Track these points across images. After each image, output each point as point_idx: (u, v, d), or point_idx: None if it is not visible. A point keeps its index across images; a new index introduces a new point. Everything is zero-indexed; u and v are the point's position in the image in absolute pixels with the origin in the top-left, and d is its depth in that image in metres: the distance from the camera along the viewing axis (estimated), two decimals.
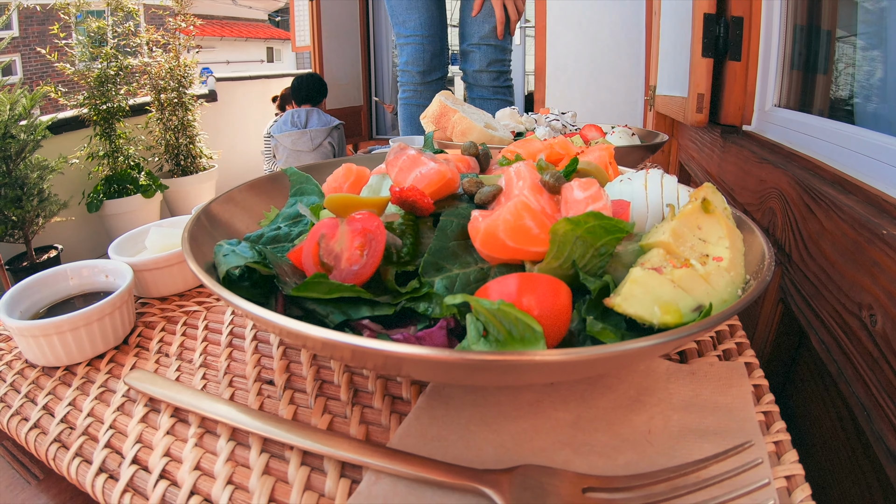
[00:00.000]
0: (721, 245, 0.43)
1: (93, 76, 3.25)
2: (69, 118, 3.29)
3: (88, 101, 3.25)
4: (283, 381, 0.51)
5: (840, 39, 0.93)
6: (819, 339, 0.64)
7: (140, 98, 3.72)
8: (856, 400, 0.54)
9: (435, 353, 0.30)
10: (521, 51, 3.75)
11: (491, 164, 0.68)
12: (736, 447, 0.35)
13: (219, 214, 0.59)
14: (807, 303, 0.69)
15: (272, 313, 0.36)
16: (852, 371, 0.56)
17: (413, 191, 0.48)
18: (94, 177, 3.33)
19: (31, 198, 2.65)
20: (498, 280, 0.39)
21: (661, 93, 1.82)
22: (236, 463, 0.42)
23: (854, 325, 0.56)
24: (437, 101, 1.08)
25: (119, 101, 3.36)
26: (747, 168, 0.97)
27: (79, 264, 0.67)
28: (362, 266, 0.44)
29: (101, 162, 3.32)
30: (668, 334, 0.32)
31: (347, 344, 0.32)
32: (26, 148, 2.68)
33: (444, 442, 0.41)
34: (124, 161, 3.38)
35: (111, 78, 3.34)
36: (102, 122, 3.30)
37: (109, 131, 3.33)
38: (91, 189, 3.27)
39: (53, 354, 0.57)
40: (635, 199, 0.53)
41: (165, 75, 3.69)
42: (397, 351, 0.31)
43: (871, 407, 0.52)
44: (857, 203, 0.61)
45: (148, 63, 3.65)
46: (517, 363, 0.30)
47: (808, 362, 0.73)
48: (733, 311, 0.35)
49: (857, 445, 0.58)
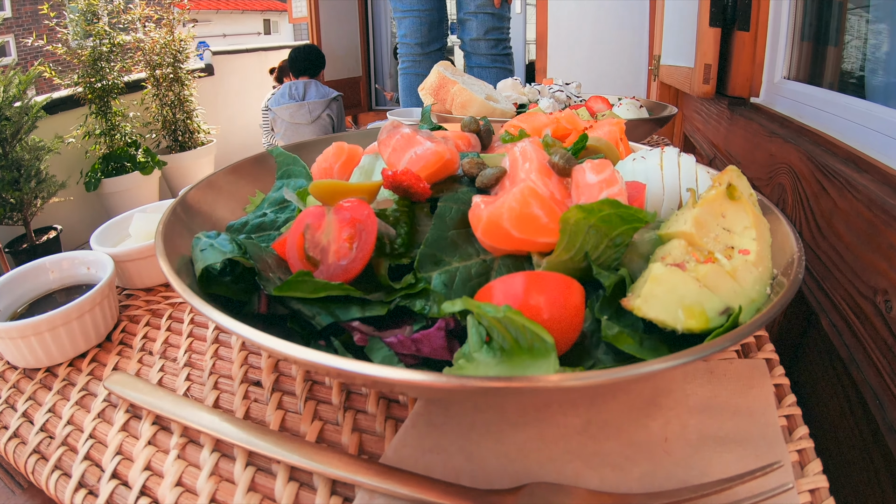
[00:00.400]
0: (747, 236, 0.39)
1: (85, 54, 3.17)
2: (64, 97, 3.21)
3: (82, 79, 3.17)
4: (271, 383, 0.48)
5: (852, 10, 0.88)
6: (830, 321, 0.62)
7: (135, 75, 3.63)
8: (868, 387, 0.52)
9: (429, 379, 0.26)
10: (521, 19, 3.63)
11: (493, 141, 0.63)
12: (763, 467, 0.32)
13: (199, 202, 0.55)
14: (818, 284, 0.66)
15: (246, 328, 0.32)
16: (864, 357, 0.53)
17: (407, 174, 0.43)
18: (92, 156, 3.27)
19: (28, 179, 2.60)
20: (503, 279, 0.35)
21: (665, 62, 1.76)
22: (220, 478, 0.39)
23: (868, 310, 0.53)
24: (436, 73, 1.02)
25: (114, 78, 3.28)
26: (756, 141, 0.94)
27: (58, 257, 0.63)
28: (351, 260, 0.40)
29: (97, 140, 3.25)
30: (694, 351, 0.28)
31: (331, 367, 0.28)
32: (22, 129, 2.62)
33: (444, 454, 0.37)
34: (121, 139, 3.31)
35: (104, 55, 3.25)
36: (97, 101, 3.22)
37: (105, 109, 3.26)
38: (89, 168, 3.22)
39: (33, 356, 0.54)
40: (650, 180, 0.48)
41: (160, 51, 3.60)
42: (385, 377, 0.27)
43: (883, 396, 0.49)
44: (872, 182, 0.57)
45: (142, 39, 3.55)
46: (526, 389, 0.26)
47: (818, 343, 0.71)
48: (764, 320, 0.31)
49: (867, 432, 0.56)
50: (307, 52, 3.25)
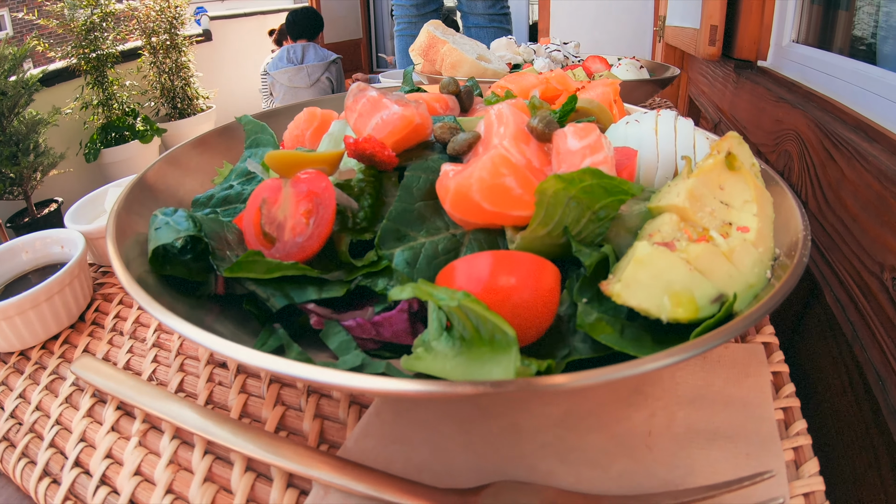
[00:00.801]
0: (747, 211, 0.34)
1: (78, 25, 3.09)
2: (59, 69, 3.16)
3: (76, 49, 3.10)
4: (236, 364, 0.45)
5: None
6: (834, 296, 0.59)
7: (131, 43, 3.55)
8: (871, 367, 0.49)
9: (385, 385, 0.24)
10: None
11: (477, 103, 0.58)
12: (753, 476, 0.29)
13: (162, 179, 0.52)
14: (822, 256, 0.63)
15: (184, 324, 0.29)
16: (868, 335, 0.50)
17: (370, 141, 0.40)
18: (90, 126, 3.23)
19: (26, 153, 2.57)
20: (466, 259, 0.32)
21: (671, 23, 1.68)
22: (179, 466, 0.37)
23: (874, 286, 0.50)
24: (426, 32, 0.97)
25: (108, 47, 3.21)
26: (762, 106, 0.89)
27: (31, 237, 0.61)
28: (308, 237, 0.37)
29: (95, 111, 3.21)
30: (682, 349, 0.25)
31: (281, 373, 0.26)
32: (18, 103, 2.58)
33: (408, 445, 0.35)
34: (119, 108, 3.27)
35: (97, 25, 3.17)
36: (93, 71, 3.16)
37: (101, 79, 3.20)
38: (87, 139, 3.19)
39: (4, 340, 0.52)
40: (643, 145, 0.44)
41: (155, 17, 3.51)
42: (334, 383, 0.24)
43: (886, 376, 0.47)
44: (882, 152, 0.54)
45: (135, 7, 3.45)
46: (489, 394, 0.23)
47: (820, 317, 0.67)
48: (762, 312, 0.27)
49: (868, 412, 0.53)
50: (305, 15, 3.15)
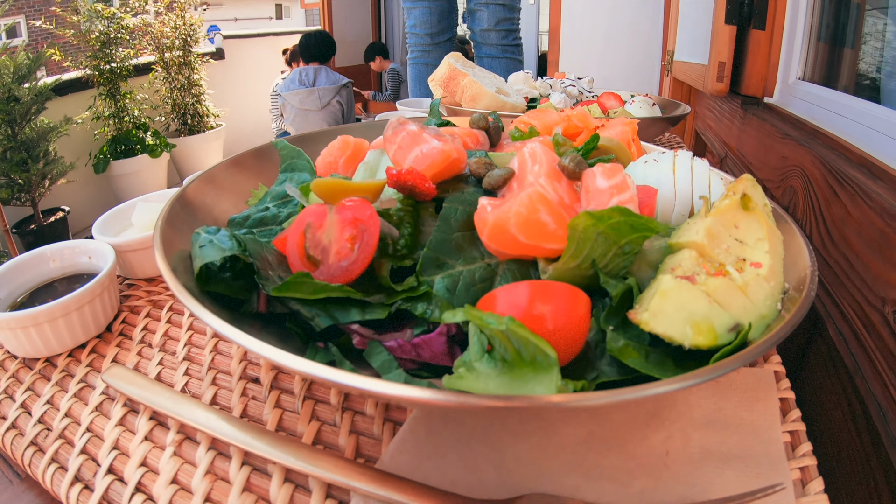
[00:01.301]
0: (760, 248, 0.37)
1: (94, 38, 3.16)
2: (73, 79, 3.21)
3: (91, 60, 3.17)
4: (270, 380, 0.47)
5: (870, 12, 0.87)
6: (837, 330, 0.61)
7: (144, 58, 3.62)
8: (872, 398, 0.51)
9: (427, 395, 0.26)
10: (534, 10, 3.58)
11: (502, 138, 0.62)
12: (765, 488, 0.31)
13: (200, 196, 0.54)
14: (826, 290, 0.65)
15: (240, 333, 0.31)
16: (870, 367, 0.53)
17: (412, 173, 0.42)
18: (100, 138, 3.28)
19: (36, 160, 2.61)
20: (507, 288, 0.34)
21: (679, 59, 1.73)
22: (216, 476, 0.39)
23: (876, 320, 0.52)
24: (447, 64, 1.01)
25: (122, 60, 3.28)
26: (768, 143, 0.92)
27: (60, 245, 0.63)
28: (352, 262, 0.39)
29: (106, 123, 3.26)
30: (702, 373, 0.27)
31: (326, 379, 0.28)
32: (31, 110, 2.62)
33: (442, 461, 0.37)
34: (130, 121, 3.32)
35: (113, 38, 3.24)
36: (106, 83, 3.22)
37: (114, 91, 3.26)
38: (97, 150, 3.23)
39: (32, 346, 0.53)
40: (662, 185, 0.47)
41: (170, 34, 3.58)
42: (375, 391, 0.27)
43: (887, 407, 0.49)
44: (885, 190, 0.56)
45: (150, 23, 3.53)
46: (527, 408, 0.25)
47: (823, 350, 0.70)
48: (774, 341, 0.30)
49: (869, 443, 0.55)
50: (318, 39, 3.23)
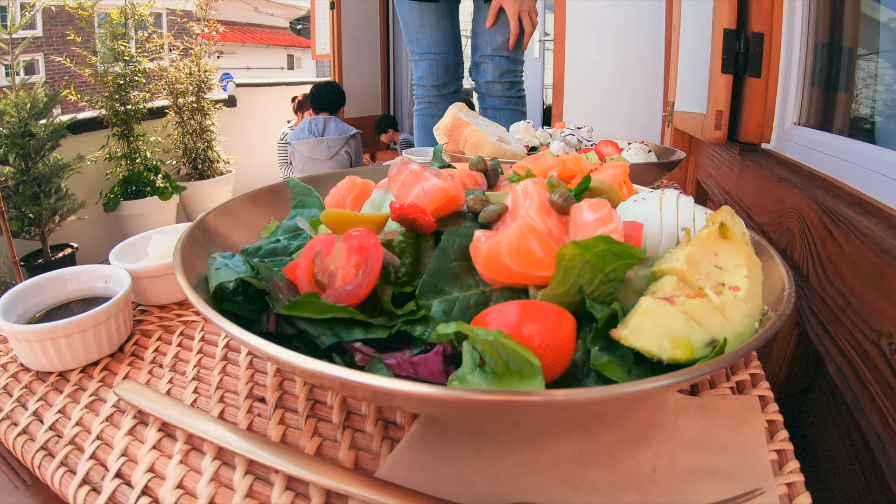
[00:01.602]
0: (738, 273, 0.41)
1: (110, 79, 3.30)
2: (88, 119, 3.34)
3: (106, 101, 3.29)
4: (275, 400, 0.49)
5: (862, 57, 0.90)
6: (835, 365, 0.62)
7: (158, 101, 3.76)
8: (872, 431, 0.52)
9: (423, 389, 0.28)
10: (539, 63, 3.74)
11: (500, 181, 0.66)
12: (745, 494, 0.33)
13: (216, 226, 0.58)
14: (824, 328, 0.66)
15: (259, 339, 0.34)
16: (868, 400, 0.53)
17: (414, 208, 0.46)
18: (112, 177, 3.37)
19: (48, 196, 2.68)
20: (497, 307, 0.37)
21: (679, 109, 1.79)
22: (220, 483, 0.41)
23: (872, 353, 0.54)
24: (451, 114, 1.07)
25: (137, 103, 3.40)
26: (766, 188, 0.95)
27: (78, 269, 0.66)
28: (357, 286, 0.42)
29: (118, 163, 3.36)
30: (675, 375, 0.30)
31: (334, 376, 0.31)
32: (45, 146, 2.72)
33: (436, 473, 0.39)
34: (141, 163, 3.42)
35: (129, 81, 3.38)
36: (121, 124, 3.34)
37: (127, 133, 3.37)
38: (108, 189, 3.31)
39: (47, 359, 0.56)
40: (649, 220, 0.51)
41: (184, 79, 3.73)
42: (382, 386, 0.29)
43: (887, 439, 0.49)
44: (877, 226, 0.58)
45: (166, 68, 3.69)
46: (510, 403, 0.28)
47: (825, 389, 0.71)
48: (748, 349, 0.33)
49: (873, 478, 0.55)
50: (328, 89, 3.35)
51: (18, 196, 2.57)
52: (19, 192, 2.58)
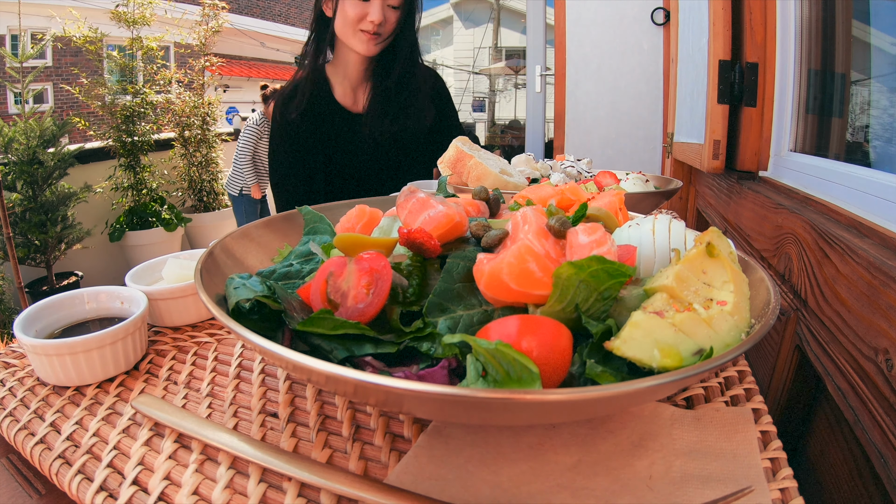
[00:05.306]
0: (726, 289, 0.44)
1: (118, 110, 3.38)
2: (95, 149, 3.41)
3: (114, 132, 3.36)
4: (287, 415, 0.52)
5: (855, 83, 0.94)
6: (835, 385, 0.63)
7: (165, 133, 3.84)
8: (873, 447, 0.53)
9: (429, 388, 0.31)
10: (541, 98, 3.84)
11: (502, 209, 0.69)
12: (735, 493, 0.35)
13: (233, 249, 0.61)
14: (823, 348, 0.68)
15: (278, 346, 0.37)
16: (868, 417, 0.55)
17: (421, 233, 0.49)
18: (118, 207, 3.42)
19: (55, 223, 2.72)
20: (499, 321, 0.40)
21: (678, 140, 1.83)
22: (234, 491, 0.43)
23: (870, 370, 0.55)
24: (454, 147, 1.11)
25: (144, 134, 3.48)
26: (763, 214, 0.97)
27: (96, 289, 0.69)
28: (368, 304, 0.45)
29: (124, 193, 3.41)
30: (663, 377, 0.33)
31: (349, 378, 0.33)
32: (53, 174, 2.77)
33: (441, 481, 0.41)
34: (147, 194, 3.47)
35: (137, 112, 3.46)
36: (127, 155, 3.41)
37: (134, 164, 3.44)
38: (114, 219, 3.36)
39: (65, 374, 0.58)
40: (643, 244, 0.54)
41: (189, 112, 3.82)
42: (395, 386, 0.32)
43: (887, 454, 0.51)
44: (872, 246, 0.61)
45: (172, 101, 3.78)
46: (509, 402, 0.30)
47: (825, 409, 0.72)
48: (734, 355, 0.35)
49: (876, 495, 0.56)
50: None
51: (25, 223, 2.61)
52: (26, 219, 2.63)
